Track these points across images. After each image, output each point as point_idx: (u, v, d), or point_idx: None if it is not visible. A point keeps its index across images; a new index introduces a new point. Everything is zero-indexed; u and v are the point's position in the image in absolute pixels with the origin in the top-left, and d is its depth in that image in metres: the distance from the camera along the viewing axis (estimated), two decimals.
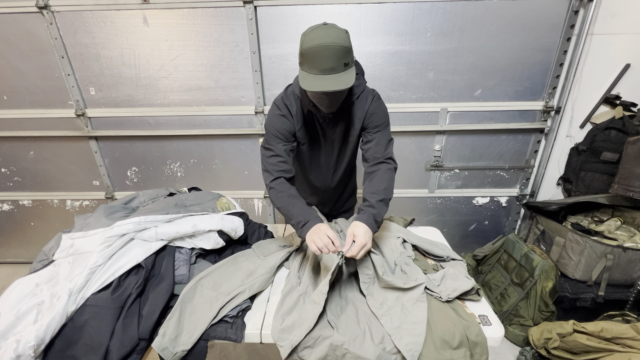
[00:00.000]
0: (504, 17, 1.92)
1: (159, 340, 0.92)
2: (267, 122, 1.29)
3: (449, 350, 0.92)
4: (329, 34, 1.05)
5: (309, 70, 1.08)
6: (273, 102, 1.31)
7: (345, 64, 1.08)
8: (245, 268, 1.18)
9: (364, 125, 1.31)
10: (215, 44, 2.00)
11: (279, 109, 1.27)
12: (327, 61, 1.05)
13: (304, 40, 1.07)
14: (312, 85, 1.08)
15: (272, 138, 1.26)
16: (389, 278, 1.06)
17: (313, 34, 1.06)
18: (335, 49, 1.04)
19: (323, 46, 1.03)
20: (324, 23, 1.08)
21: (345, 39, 1.07)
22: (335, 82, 1.06)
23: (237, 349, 1.96)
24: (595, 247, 1.78)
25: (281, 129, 1.26)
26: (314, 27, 1.08)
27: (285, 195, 1.20)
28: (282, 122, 1.26)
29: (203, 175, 2.41)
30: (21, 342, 0.83)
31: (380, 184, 1.20)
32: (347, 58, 1.08)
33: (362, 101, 1.28)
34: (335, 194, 1.58)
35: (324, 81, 1.06)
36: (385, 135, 1.30)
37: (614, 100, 2.05)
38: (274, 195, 1.22)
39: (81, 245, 1.06)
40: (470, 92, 2.11)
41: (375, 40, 1.98)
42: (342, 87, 1.07)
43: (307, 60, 1.07)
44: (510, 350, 1.91)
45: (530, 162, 2.32)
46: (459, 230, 2.58)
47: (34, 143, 2.31)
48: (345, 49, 1.06)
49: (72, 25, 1.97)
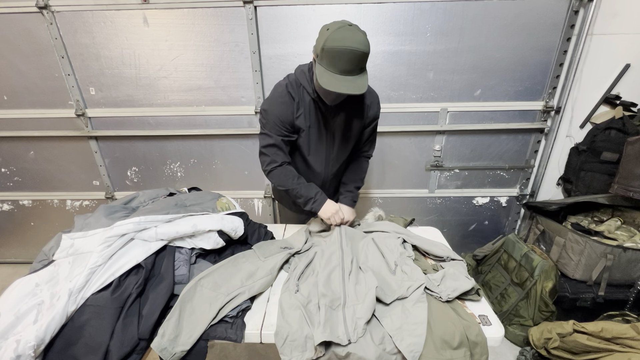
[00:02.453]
0: (504, 17, 1.92)
1: (158, 341, 0.92)
2: (268, 107, 1.30)
3: (449, 350, 0.92)
4: (355, 38, 1.07)
5: (327, 67, 1.11)
6: (275, 88, 1.33)
7: (361, 68, 1.13)
8: (246, 269, 1.18)
9: (368, 117, 1.40)
10: (215, 44, 2.00)
11: (281, 96, 1.29)
12: (348, 64, 1.09)
13: (328, 37, 1.07)
14: (331, 85, 1.11)
15: (271, 125, 1.30)
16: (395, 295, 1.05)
17: (339, 34, 1.07)
18: (358, 54, 1.08)
19: (348, 50, 1.06)
20: (348, 23, 1.09)
21: (368, 45, 1.10)
22: (352, 85, 1.11)
23: (237, 349, 1.96)
24: (595, 247, 1.78)
25: (282, 115, 1.28)
26: (340, 26, 1.08)
27: (290, 177, 1.36)
28: (282, 109, 1.29)
29: (203, 175, 2.41)
30: (21, 342, 0.83)
31: (359, 174, 1.56)
32: (364, 62, 1.13)
33: (364, 96, 1.35)
34: (333, 184, 1.60)
35: (342, 82, 1.10)
36: (374, 135, 1.54)
37: (614, 100, 2.05)
38: (278, 177, 1.36)
39: (81, 245, 1.06)
40: (470, 92, 2.11)
41: (375, 40, 1.98)
42: (357, 91, 1.12)
43: (328, 57, 1.09)
44: (510, 350, 1.91)
45: (530, 162, 2.32)
46: (459, 230, 2.58)
47: (34, 143, 2.31)
48: (366, 55, 1.10)
49: (72, 25, 1.97)
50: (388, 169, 2.37)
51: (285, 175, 1.36)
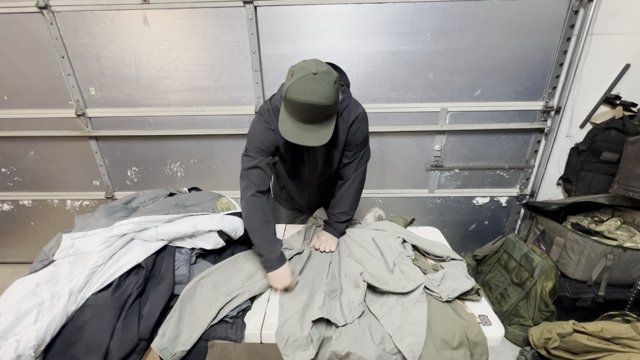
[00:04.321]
0: (504, 17, 1.92)
1: (158, 341, 0.92)
2: (251, 131, 1.24)
3: (449, 350, 0.92)
4: (315, 91, 1.00)
5: (290, 113, 1.08)
6: (258, 111, 1.28)
7: (326, 117, 1.09)
8: (246, 270, 1.19)
9: (347, 141, 1.28)
10: (215, 44, 2.00)
11: (265, 121, 1.23)
12: (309, 115, 1.05)
13: (289, 86, 1.02)
14: (289, 135, 1.08)
15: (254, 148, 1.22)
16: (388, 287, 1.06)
17: (300, 85, 1.00)
18: (317, 108, 1.03)
19: (307, 104, 1.02)
20: (314, 71, 1.00)
21: (331, 97, 1.03)
22: (312, 137, 1.07)
23: (237, 349, 1.96)
24: (595, 247, 1.78)
25: (265, 140, 1.22)
26: (303, 75, 1.00)
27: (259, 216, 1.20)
28: (267, 134, 1.22)
29: (203, 175, 2.41)
30: (21, 342, 0.83)
31: (346, 202, 1.39)
32: (329, 112, 1.08)
33: (345, 115, 1.25)
34: (318, 197, 1.57)
35: (302, 132, 1.07)
36: (363, 158, 1.36)
37: (614, 100, 2.04)
38: (247, 208, 1.21)
39: (81, 245, 1.06)
40: (470, 92, 2.11)
41: (375, 40, 1.98)
42: (317, 143, 1.08)
43: (289, 105, 1.06)
44: (510, 350, 1.91)
45: (530, 162, 2.32)
46: (459, 230, 2.58)
47: (34, 143, 2.31)
48: (329, 107, 1.05)
49: (73, 25, 1.97)
50: (388, 169, 2.37)
51: (255, 211, 1.20)
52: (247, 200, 1.21)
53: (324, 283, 1.12)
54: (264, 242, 1.18)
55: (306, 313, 1.00)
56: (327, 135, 1.08)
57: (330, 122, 1.10)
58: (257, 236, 1.20)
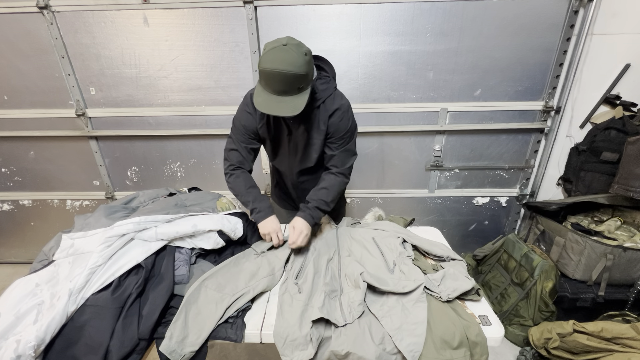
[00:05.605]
0: (504, 17, 1.92)
1: (167, 343, 0.92)
2: (236, 114, 1.34)
3: (449, 350, 0.92)
4: (285, 59, 1.03)
5: (264, 86, 1.11)
6: (245, 95, 1.34)
7: (299, 88, 1.09)
8: (248, 269, 1.19)
9: (328, 131, 1.30)
10: (215, 44, 2.00)
11: (247, 105, 1.30)
12: (281, 85, 1.07)
13: (262, 57, 1.07)
14: (262, 106, 1.10)
15: (236, 130, 1.34)
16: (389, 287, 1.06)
17: (270, 55, 1.04)
18: (288, 76, 1.05)
19: (276, 72, 1.04)
20: (284, 43, 1.05)
21: (301, 66, 1.05)
22: (285, 107, 1.09)
23: (237, 349, 1.96)
24: (595, 247, 1.78)
25: (246, 123, 1.31)
26: (274, 46, 1.05)
27: (244, 184, 1.32)
28: (247, 118, 1.31)
29: (203, 175, 2.41)
30: (21, 342, 0.83)
31: (328, 196, 1.33)
32: (301, 83, 1.09)
33: (329, 103, 1.27)
34: (302, 191, 1.54)
35: (275, 103, 1.09)
36: (348, 151, 1.35)
37: (614, 100, 2.04)
38: (233, 182, 1.33)
39: (81, 245, 1.06)
40: (470, 92, 2.11)
41: (375, 40, 1.98)
42: (290, 113, 1.09)
43: (262, 77, 1.09)
44: (510, 350, 1.91)
45: (530, 162, 2.32)
46: (459, 230, 2.58)
47: (34, 143, 2.31)
48: (299, 76, 1.06)
49: (73, 25, 1.97)
50: (388, 169, 2.38)
51: (240, 183, 1.33)
52: (230, 173, 1.34)
53: (324, 283, 1.12)
54: (253, 197, 1.31)
55: (305, 313, 1.00)
56: (299, 106, 1.09)
57: (303, 94, 1.11)
58: (245, 194, 1.31)
